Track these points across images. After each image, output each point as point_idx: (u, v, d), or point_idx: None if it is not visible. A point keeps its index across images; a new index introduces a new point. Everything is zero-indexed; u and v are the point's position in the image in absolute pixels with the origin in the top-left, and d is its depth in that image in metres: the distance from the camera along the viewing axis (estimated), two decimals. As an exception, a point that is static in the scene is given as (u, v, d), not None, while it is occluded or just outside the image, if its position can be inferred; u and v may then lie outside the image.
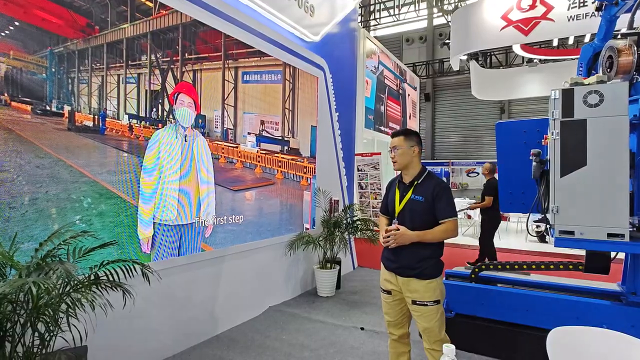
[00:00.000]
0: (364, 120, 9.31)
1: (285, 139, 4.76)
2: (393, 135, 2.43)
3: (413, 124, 14.02)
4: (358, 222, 5.43)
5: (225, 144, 3.85)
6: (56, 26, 2.50)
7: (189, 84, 3.44)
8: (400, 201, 2.35)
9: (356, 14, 7.20)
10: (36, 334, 1.88)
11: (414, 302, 2.25)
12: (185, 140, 3.32)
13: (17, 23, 2.30)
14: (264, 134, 4.39)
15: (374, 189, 8.10)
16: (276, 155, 4.58)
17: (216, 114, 3.75)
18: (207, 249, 3.55)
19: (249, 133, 4.16)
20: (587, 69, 3.19)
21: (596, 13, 3.23)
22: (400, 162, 2.37)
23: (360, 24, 14.75)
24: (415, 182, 2.33)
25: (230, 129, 3.92)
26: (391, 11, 16.47)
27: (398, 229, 2.25)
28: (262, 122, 4.36)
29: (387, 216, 2.49)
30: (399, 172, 2.47)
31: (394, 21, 16.87)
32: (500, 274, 3.58)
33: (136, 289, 2.27)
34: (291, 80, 4.85)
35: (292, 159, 4.86)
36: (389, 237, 2.25)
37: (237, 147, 4.00)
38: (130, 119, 2.98)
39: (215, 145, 3.70)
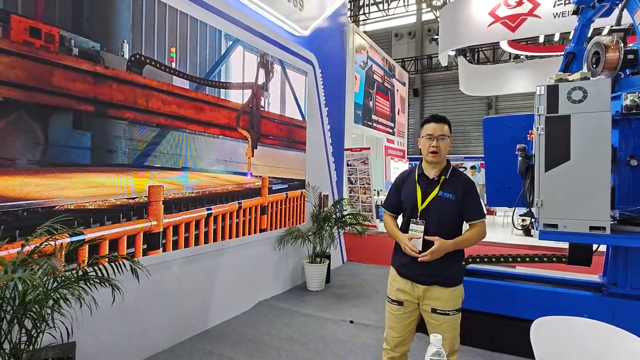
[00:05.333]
0: (353, 116, 9.35)
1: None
2: (436, 120, 2.09)
3: (401, 120, 14.11)
4: (347, 217, 5.47)
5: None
6: None
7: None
8: (424, 198, 2.07)
9: (346, 8, 7.19)
10: (23, 330, 1.86)
11: (434, 311, 2.03)
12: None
13: None
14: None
15: (363, 184, 8.14)
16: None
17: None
18: (199, 239, 3.56)
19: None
20: (561, 68, 3.27)
21: (574, 16, 3.31)
22: (444, 154, 2.08)
23: (349, 18, 14.74)
24: (443, 177, 2.07)
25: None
26: (380, 6, 16.49)
27: (430, 241, 1.98)
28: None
29: (394, 214, 2.25)
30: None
31: (383, 16, 16.91)
32: (486, 267, 3.65)
33: (125, 285, 2.25)
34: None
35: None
36: (425, 255, 1.97)
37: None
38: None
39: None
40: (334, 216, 5.30)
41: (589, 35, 3.32)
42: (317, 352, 3.20)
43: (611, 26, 3.10)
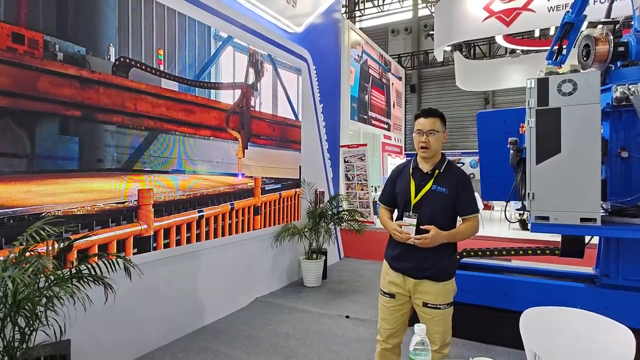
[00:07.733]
0: (349, 110, 9.34)
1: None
2: (426, 115, 2.06)
3: (397, 113, 14.11)
4: (343, 213, 5.48)
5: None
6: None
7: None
8: (417, 192, 2.06)
9: (339, 4, 7.18)
10: (16, 328, 1.87)
11: (424, 305, 2.04)
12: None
13: None
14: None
15: (361, 180, 8.15)
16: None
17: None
18: (191, 241, 3.55)
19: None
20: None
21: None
22: (434, 149, 2.04)
23: (344, 15, 14.71)
24: (437, 171, 2.05)
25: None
26: (375, 2, 16.45)
27: (427, 230, 1.95)
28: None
29: (389, 207, 2.25)
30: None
31: (379, 12, 16.86)
32: (481, 260, 3.67)
33: (120, 282, 2.26)
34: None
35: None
36: (418, 238, 1.96)
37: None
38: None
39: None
40: (329, 212, 5.31)
41: (583, 30, 3.29)
42: (312, 347, 3.22)
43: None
